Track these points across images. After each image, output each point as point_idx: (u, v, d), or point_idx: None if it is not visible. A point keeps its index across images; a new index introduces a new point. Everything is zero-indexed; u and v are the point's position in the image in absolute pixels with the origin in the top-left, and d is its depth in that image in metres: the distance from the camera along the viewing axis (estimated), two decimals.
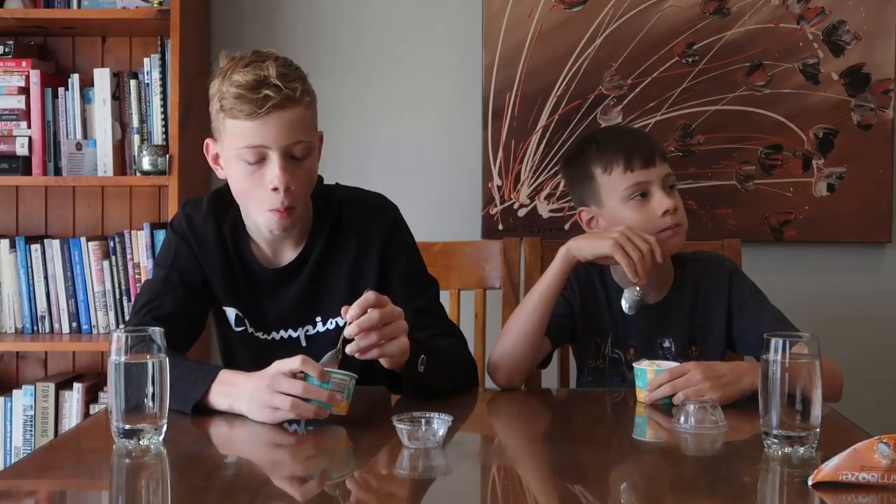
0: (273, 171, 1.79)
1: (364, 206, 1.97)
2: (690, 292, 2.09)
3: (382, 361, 1.72)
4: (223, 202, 1.94)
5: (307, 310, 1.94)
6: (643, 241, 1.92)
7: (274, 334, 1.95)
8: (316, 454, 1.57)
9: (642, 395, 1.81)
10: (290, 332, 1.94)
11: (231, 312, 1.95)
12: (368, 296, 1.67)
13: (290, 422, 1.63)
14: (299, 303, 1.93)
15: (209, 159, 1.92)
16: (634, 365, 1.84)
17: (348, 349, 1.67)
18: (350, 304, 1.68)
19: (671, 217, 2.00)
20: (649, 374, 1.79)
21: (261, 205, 1.83)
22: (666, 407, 1.76)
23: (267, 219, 1.83)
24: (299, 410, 1.60)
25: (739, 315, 2.06)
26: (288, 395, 1.60)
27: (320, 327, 1.94)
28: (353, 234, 1.94)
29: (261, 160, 1.80)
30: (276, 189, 1.79)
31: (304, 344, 1.94)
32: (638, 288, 1.99)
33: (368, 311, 1.66)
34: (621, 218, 2.02)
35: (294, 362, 1.62)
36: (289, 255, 1.94)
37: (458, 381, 1.94)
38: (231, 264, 1.94)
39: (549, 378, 2.34)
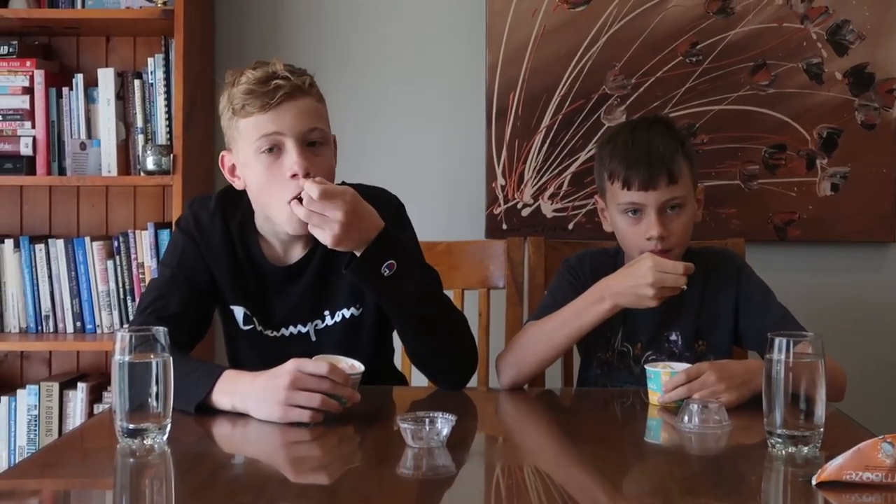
0: (291, 157, 1.79)
1: (367, 199, 1.97)
2: (699, 287, 2.09)
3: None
4: (232, 200, 1.95)
5: (315, 304, 1.94)
6: (672, 274, 1.88)
7: (283, 331, 1.95)
8: (320, 453, 1.58)
9: (655, 397, 1.79)
10: (300, 327, 1.95)
11: (239, 311, 1.95)
12: None
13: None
14: (308, 298, 1.93)
15: (225, 173, 1.91)
16: (647, 367, 1.82)
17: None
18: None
19: (658, 242, 1.99)
20: (663, 377, 1.78)
21: (282, 198, 1.79)
22: (676, 407, 1.75)
23: (288, 214, 1.79)
24: (328, 407, 1.62)
25: (746, 309, 2.07)
26: (314, 392, 1.61)
27: (329, 321, 1.94)
28: None
29: (278, 151, 1.80)
30: (295, 175, 1.78)
31: (313, 339, 1.94)
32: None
33: None
34: (617, 224, 2.06)
35: (321, 367, 1.62)
36: (298, 252, 1.94)
37: (442, 313, 1.88)
38: (239, 263, 1.94)
39: (552, 373, 2.33)
